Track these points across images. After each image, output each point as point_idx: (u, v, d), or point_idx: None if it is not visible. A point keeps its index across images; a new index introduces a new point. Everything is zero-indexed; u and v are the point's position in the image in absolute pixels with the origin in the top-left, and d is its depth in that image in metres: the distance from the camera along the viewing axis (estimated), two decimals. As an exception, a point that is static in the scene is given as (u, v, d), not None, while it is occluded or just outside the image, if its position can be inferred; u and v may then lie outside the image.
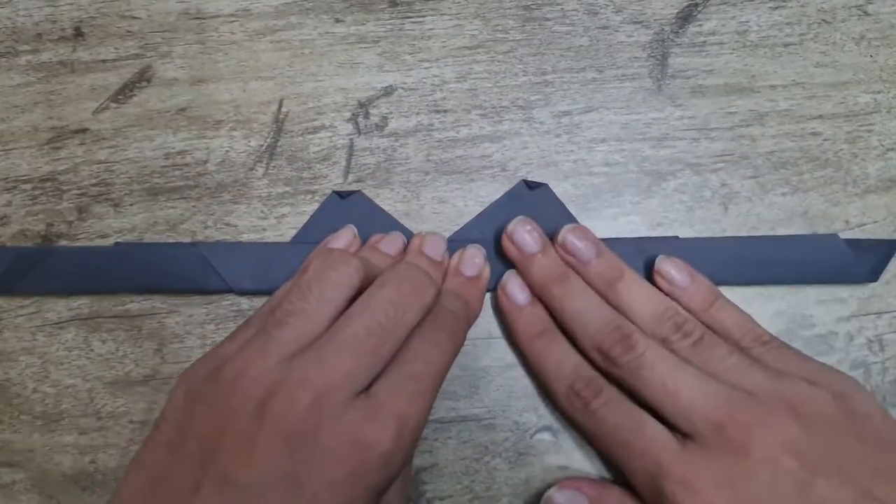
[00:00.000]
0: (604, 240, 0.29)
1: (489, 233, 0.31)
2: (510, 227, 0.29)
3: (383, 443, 0.21)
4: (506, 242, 0.29)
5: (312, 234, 0.30)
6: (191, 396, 0.23)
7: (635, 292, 0.28)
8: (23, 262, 0.29)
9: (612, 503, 0.26)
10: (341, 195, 0.31)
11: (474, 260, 0.29)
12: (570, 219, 0.31)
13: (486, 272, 0.29)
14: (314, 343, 0.22)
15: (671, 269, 0.29)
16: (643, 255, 0.30)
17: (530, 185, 0.31)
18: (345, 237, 0.29)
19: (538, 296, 0.29)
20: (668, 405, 0.25)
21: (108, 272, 0.30)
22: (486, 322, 0.30)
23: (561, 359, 0.27)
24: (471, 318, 0.28)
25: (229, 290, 0.30)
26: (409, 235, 0.31)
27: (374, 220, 0.31)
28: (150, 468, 0.22)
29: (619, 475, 0.28)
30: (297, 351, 0.22)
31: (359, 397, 0.22)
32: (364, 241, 0.30)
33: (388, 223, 0.31)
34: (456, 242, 0.30)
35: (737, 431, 0.23)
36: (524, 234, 0.29)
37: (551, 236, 0.29)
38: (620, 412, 0.26)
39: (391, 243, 0.29)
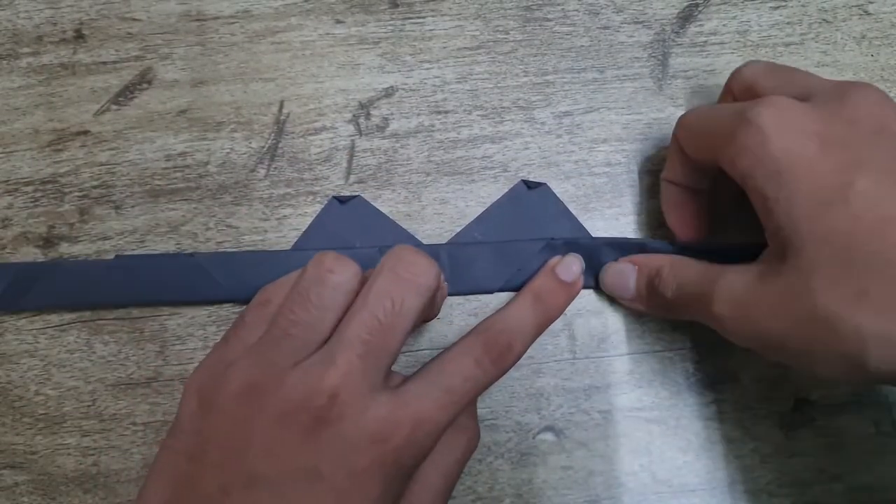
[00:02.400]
0: (600, 239, 0.30)
1: (490, 234, 0.30)
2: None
3: (396, 440, 0.22)
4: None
5: (313, 240, 0.30)
6: (205, 405, 0.23)
7: None
8: (24, 279, 0.29)
9: (658, 263, 0.28)
10: (341, 200, 0.31)
11: (572, 267, 0.29)
12: (570, 218, 0.31)
13: (580, 284, 0.29)
14: (322, 347, 0.23)
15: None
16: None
17: (529, 185, 0.31)
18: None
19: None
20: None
21: (109, 285, 0.29)
22: (488, 323, 0.30)
23: None
24: (543, 328, 0.28)
25: (230, 300, 0.30)
26: (409, 239, 0.30)
27: (374, 225, 0.31)
28: (171, 475, 0.23)
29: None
30: (307, 356, 0.23)
31: (383, 393, 0.22)
32: (365, 244, 0.30)
33: (389, 227, 0.31)
34: (457, 245, 0.30)
35: (844, 91, 0.24)
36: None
37: (552, 236, 0.30)
38: None
39: None
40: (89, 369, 0.30)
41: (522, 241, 0.30)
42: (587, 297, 0.30)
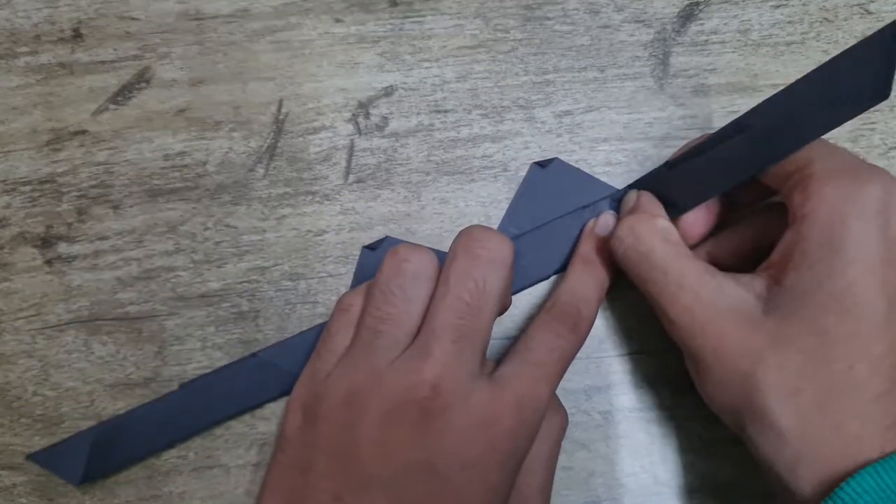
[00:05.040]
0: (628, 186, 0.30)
1: (524, 225, 0.30)
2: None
3: (506, 421, 0.22)
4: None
5: None
6: (310, 418, 0.23)
7: None
8: (103, 442, 0.28)
9: (634, 208, 0.27)
10: (371, 248, 0.30)
11: (609, 223, 0.29)
12: (592, 180, 0.31)
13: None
14: (415, 341, 0.23)
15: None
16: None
17: (542, 164, 0.31)
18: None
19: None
20: None
21: (183, 417, 0.28)
22: (488, 323, 0.30)
23: None
24: (604, 286, 0.28)
25: None
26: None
27: None
28: (284, 490, 0.23)
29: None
30: (401, 353, 0.23)
31: (482, 379, 0.23)
32: None
33: None
34: None
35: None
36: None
37: (583, 205, 0.30)
38: None
39: None
40: (87, 370, 0.30)
41: (557, 219, 0.30)
42: (587, 298, 0.30)
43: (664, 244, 0.26)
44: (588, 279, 0.28)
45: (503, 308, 0.27)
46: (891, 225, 0.22)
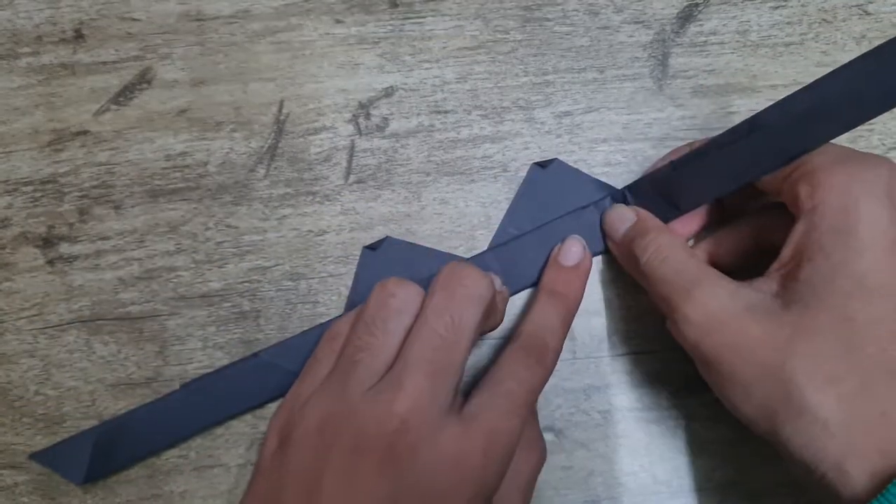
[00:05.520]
0: (627, 186, 0.31)
1: (524, 225, 0.30)
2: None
3: (475, 456, 0.22)
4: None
5: (361, 294, 0.29)
6: (284, 443, 0.24)
7: None
8: (105, 442, 0.28)
9: (652, 226, 0.27)
10: (372, 248, 0.30)
11: (572, 250, 0.29)
12: (591, 180, 0.31)
13: (588, 261, 0.29)
14: (388, 372, 0.23)
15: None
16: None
17: (542, 165, 0.31)
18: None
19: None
20: None
21: (185, 416, 0.28)
22: (488, 323, 0.30)
23: None
24: (569, 317, 0.28)
25: None
26: (452, 259, 0.30)
27: (412, 259, 0.30)
28: None
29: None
30: (375, 384, 0.23)
31: (452, 415, 0.23)
32: (414, 279, 0.29)
33: (429, 256, 0.30)
34: (500, 247, 0.30)
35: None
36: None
37: (583, 205, 0.30)
38: None
39: None
40: (89, 369, 0.30)
41: (557, 219, 0.30)
42: (587, 298, 0.30)
43: (681, 251, 0.26)
44: (552, 310, 0.28)
45: (492, 327, 0.27)
46: None
